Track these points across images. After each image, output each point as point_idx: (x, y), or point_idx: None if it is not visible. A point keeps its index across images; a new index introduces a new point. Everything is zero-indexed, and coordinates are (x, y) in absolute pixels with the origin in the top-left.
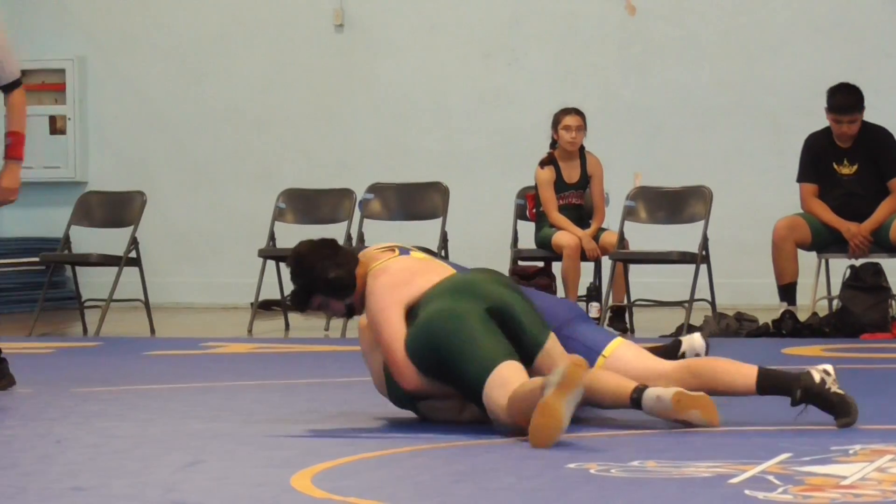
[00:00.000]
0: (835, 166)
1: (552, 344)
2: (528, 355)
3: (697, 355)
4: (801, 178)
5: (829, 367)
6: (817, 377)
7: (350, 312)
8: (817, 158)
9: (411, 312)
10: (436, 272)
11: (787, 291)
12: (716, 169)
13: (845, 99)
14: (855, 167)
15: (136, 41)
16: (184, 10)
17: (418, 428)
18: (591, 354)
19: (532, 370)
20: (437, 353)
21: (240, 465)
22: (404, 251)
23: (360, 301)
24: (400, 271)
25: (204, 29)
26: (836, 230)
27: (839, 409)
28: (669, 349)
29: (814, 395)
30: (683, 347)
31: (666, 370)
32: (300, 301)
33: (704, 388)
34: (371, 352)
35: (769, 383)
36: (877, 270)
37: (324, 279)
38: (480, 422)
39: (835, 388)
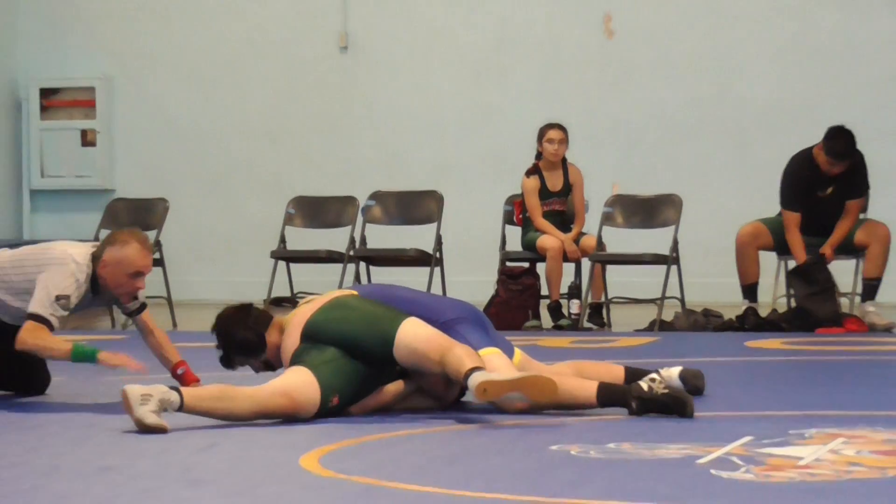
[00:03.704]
0: (816, 192)
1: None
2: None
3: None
4: (787, 205)
5: (655, 375)
6: (645, 386)
7: (269, 367)
8: (804, 186)
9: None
10: None
11: (750, 291)
12: (686, 179)
13: (844, 148)
14: (831, 189)
15: (159, 62)
16: (202, 33)
17: (415, 414)
18: None
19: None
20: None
21: (253, 447)
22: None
23: (275, 356)
24: (297, 326)
25: (220, 50)
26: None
27: (673, 407)
28: (642, 374)
29: (648, 402)
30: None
31: None
32: (225, 362)
33: (552, 403)
34: None
35: (608, 396)
36: (823, 267)
37: (233, 342)
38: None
39: (661, 390)
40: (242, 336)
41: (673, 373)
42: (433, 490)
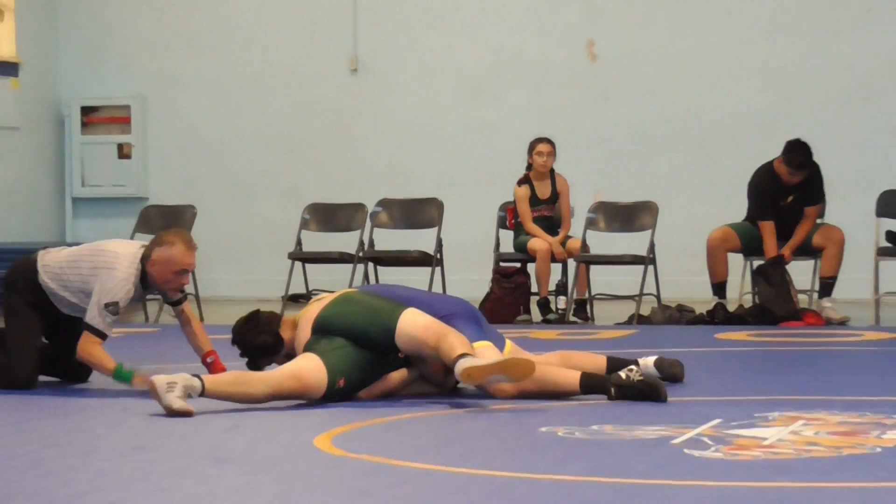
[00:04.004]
0: (778, 201)
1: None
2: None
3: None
4: (760, 216)
5: (633, 366)
6: (623, 375)
7: (290, 360)
8: (769, 197)
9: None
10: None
11: (719, 288)
12: (661, 187)
13: (803, 159)
14: (792, 198)
15: (188, 83)
16: (227, 57)
17: (417, 399)
18: None
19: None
20: (348, 335)
21: (272, 429)
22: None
23: (293, 350)
24: (308, 321)
25: (243, 72)
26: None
27: (648, 393)
28: (621, 362)
29: (625, 389)
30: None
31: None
32: (252, 366)
33: (540, 391)
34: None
35: (589, 384)
36: (780, 269)
37: (254, 347)
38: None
39: (637, 378)
40: (261, 341)
41: (649, 361)
42: (434, 468)
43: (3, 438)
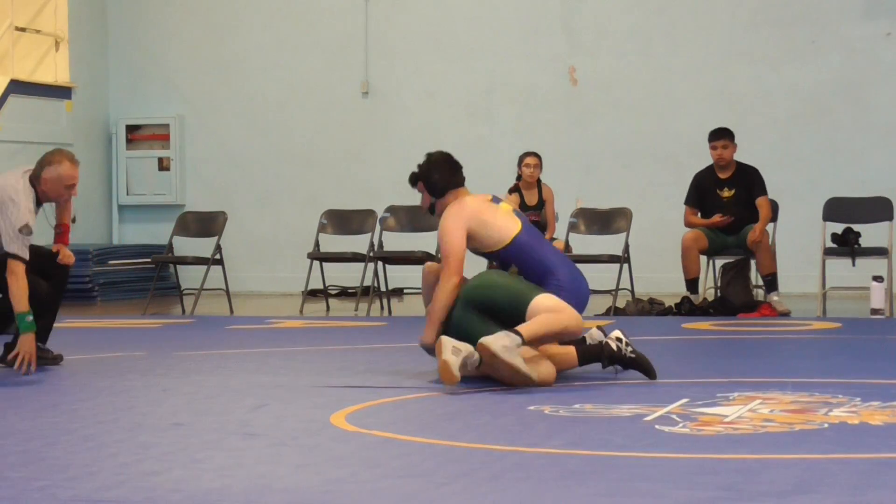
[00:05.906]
0: (717, 192)
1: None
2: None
3: (600, 341)
4: (687, 201)
5: (620, 334)
6: (614, 346)
7: (431, 210)
8: (702, 188)
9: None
10: (499, 220)
11: (692, 284)
12: (634, 195)
13: (719, 131)
14: (732, 192)
15: (220, 104)
16: (255, 81)
17: (422, 380)
18: None
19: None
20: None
21: (294, 407)
22: (496, 200)
23: (440, 210)
24: (470, 206)
25: (269, 95)
26: (721, 236)
27: (640, 368)
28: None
29: (617, 360)
30: (588, 340)
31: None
32: (412, 179)
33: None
34: (428, 292)
35: (585, 357)
36: (742, 263)
37: (428, 176)
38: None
39: (629, 351)
40: (436, 179)
41: (594, 332)
42: (435, 441)
43: (59, 416)
